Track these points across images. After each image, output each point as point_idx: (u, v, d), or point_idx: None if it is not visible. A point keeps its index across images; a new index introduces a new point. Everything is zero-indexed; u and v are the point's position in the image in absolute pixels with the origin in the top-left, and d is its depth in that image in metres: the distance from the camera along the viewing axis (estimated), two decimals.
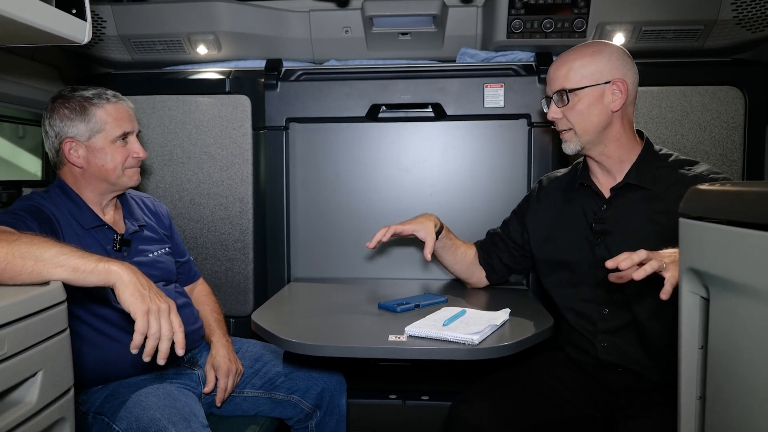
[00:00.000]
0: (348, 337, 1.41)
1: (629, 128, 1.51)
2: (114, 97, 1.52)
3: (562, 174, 1.70)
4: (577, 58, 1.48)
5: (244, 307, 2.09)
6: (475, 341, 1.28)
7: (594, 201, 1.55)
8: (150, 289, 1.11)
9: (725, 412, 0.83)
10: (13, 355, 0.87)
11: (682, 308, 0.93)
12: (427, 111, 2.06)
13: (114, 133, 1.49)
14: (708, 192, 0.89)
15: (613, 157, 1.50)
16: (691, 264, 0.90)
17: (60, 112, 1.47)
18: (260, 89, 2.07)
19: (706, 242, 0.85)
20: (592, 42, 1.55)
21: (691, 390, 0.93)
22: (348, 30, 2.09)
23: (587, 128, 1.47)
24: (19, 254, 1.04)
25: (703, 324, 0.91)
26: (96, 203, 1.54)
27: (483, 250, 1.79)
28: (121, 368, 1.46)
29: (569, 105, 1.47)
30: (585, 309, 1.53)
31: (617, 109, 1.46)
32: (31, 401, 0.91)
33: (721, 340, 0.83)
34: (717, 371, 0.85)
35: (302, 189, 2.14)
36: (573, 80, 1.46)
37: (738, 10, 1.87)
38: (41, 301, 0.97)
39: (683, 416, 0.94)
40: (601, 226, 1.50)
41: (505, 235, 1.77)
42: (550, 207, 1.65)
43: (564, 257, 1.57)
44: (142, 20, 2.00)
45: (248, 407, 1.64)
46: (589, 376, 1.50)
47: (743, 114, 1.97)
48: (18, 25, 0.99)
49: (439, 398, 2.07)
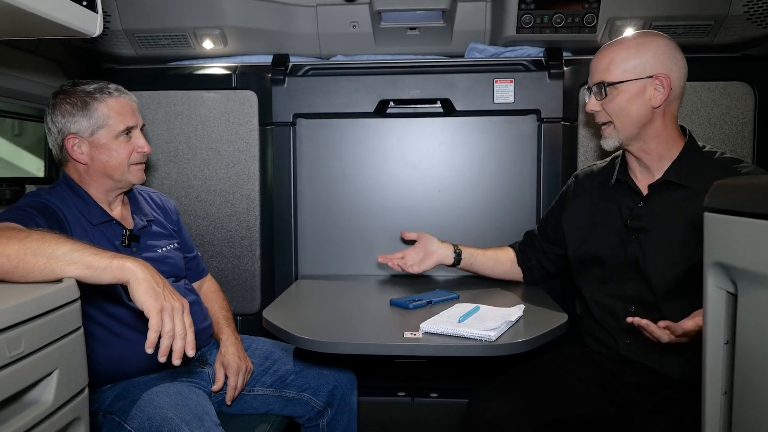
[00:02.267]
0: (362, 334, 1.40)
1: (672, 124, 1.46)
2: (117, 90, 1.49)
3: (598, 168, 1.66)
4: (621, 50, 1.43)
5: (251, 304, 2.07)
6: (492, 337, 1.27)
7: (631, 198, 1.51)
8: (164, 287, 1.10)
9: (754, 406, 0.82)
10: (30, 353, 0.86)
11: (708, 303, 0.92)
12: (436, 107, 2.05)
13: (117, 128, 1.47)
14: (734, 185, 0.89)
15: (652, 154, 1.46)
16: (717, 258, 0.88)
17: (62, 108, 1.44)
18: (267, 85, 2.05)
19: (735, 236, 0.84)
20: (639, 33, 1.49)
21: (717, 385, 0.92)
22: (356, 25, 2.07)
23: (626, 123, 1.43)
24: (31, 251, 1.02)
25: (729, 319, 0.90)
26: (103, 199, 1.52)
27: (521, 251, 1.77)
28: (131, 367, 1.44)
29: (608, 98, 1.43)
30: (612, 305, 1.51)
31: (658, 105, 1.41)
32: (47, 400, 0.89)
33: (750, 335, 0.82)
34: (745, 366, 0.84)
35: (309, 185, 2.13)
36: (614, 73, 1.42)
37: (749, 6, 1.85)
38: (55, 299, 0.95)
39: (708, 411, 0.93)
40: (637, 223, 1.47)
41: (541, 234, 1.74)
42: (586, 202, 1.62)
43: (597, 253, 1.54)
44: (147, 14, 1.97)
45: (258, 405, 1.62)
46: (605, 372, 1.49)
47: (753, 110, 1.96)
48: (29, 16, 0.97)
49: (449, 396, 2.06)
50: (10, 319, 0.82)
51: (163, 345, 1.07)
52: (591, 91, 1.48)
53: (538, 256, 1.75)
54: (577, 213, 1.63)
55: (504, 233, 2.02)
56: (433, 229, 2.08)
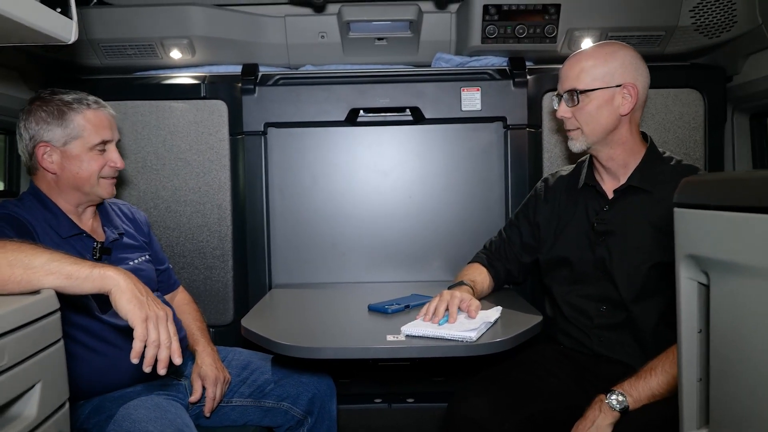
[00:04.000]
0: (343, 339, 1.40)
1: (636, 131, 1.53)
2: (95, 103, 1.47)
3: (566, 173, 1.71)
4: (590, 59, 1.49)
5: (224, 315, 2.04)
6: (473, 338, 1.30)
7: (597, 201, 1.57)
8: (147, 295, 1.08)
9: (729, 391, 0.87)
10: (13, 366, 0.83)
11: (681, 294, 0.97)
12: (406, 115, 2.08)
13: (92, 140, 1.44)
14: (702, 182, 0.94)
15: (618, 160, 1.52)
16: (689, 251, 0.94)
17: (37, 115, 1.41)
18: (237, 94, 2.04)
19: (705, 229, 0.89)
20: (607, 43, 1.55)
21: (692, 373, 0.97)
22: (324, 35, 2.09)
23: (594, 129, 1.49)
24: (7, 262, 0.99)
25: (702, 309, 0.95)
26: (72, 211, 1.48)
27: (491, 266, 1.76)
28: (105, 381, 1.40)
29: (579, 105, 1.49)
30: (583, 305, 1.56)
31: (626, 113, 1.47)
32: (31, 414, 0.87)
33: (723, 323, 0.87)
34: (719, 353, 0.89)
35: (281, 194, 2.12)
36: (584, 81, 1.47)
37: (696, 17, 1.97)
38: (36, 310, 0.93)
39: (685, 398, 0.98)
40: (603, 226, 1.53)
41: (515, 242, 1.75)
42: (555, 206, 1.67)
43: (565, 255, 1.60)
44: (112, 24, 1.94)
45: (237, 417, 1.60)
46: (580, 367, 1.54)
47: (703, 115, 2.08)
48: (5, 21, 0.95)
49: (425, 400, 2.08)
50: None
51: (149, 355, 1.05)
52: (561, 98, 1.53)
53: (507, 266, 1.76)
54: (547, 216, 1.68)
55: (473, 236, 2.06)
56: (405, 234, 2.12)
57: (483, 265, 1.77)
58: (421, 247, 2.13)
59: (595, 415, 1.32)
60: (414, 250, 2.13)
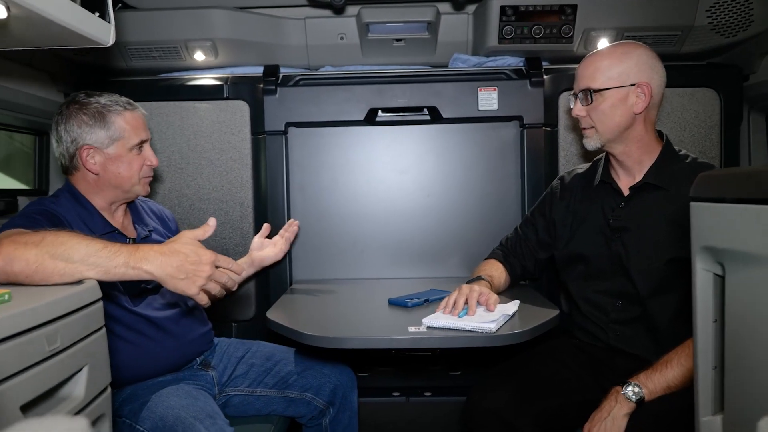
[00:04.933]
0: (366, 330, 1.45)
1: (651, 129, 1.55)
2: (129, 104, 1.54)
3: (582, 170, 1.74)
4: (605, 59, 1.51)
5: (246, 311, 2.10)
6: (492, 329, 1.33)
7: (613, 198, 1.60)
8: (184, 266, 1.16)
9: (743, 379, 0.90)
10: (64, 349, 0.89)
11: (696, 285, 1.00)
12: (424, 114, 2.12)
13: (132, 141, 1.51)
14: (718, 176, 0.97)
15: (633, 157, 1.55)
16: (704, 243, 0.97)
17: (78, 118, 1.47)
18: (259, 95, 2.09)
19: (721, 220, 0.93)
20: (622, 42, 1.58)
21: (707, 361, 1.00)
22: (343, 36, 2.14)
23: (609, 128, 1.52)
24: (49, 255, 1.05)
25: (717, 299, 0.98)
26: (106, 209, 1.54)
27: (507, 262, 1.79)
28: (138, 371, 1.46)
29: (593, 104, 1.52)
30: (599, 300, 1.59)
31: (640, 111, 1.49)
32: (79, 395, 0.92)
33: (738, 312, 0.91)
34: (734, 341, 0.92)
35: (301, 192, 2.17)
36: (599, 80, 1.50)
37: (712, 17, 1.99)
38: (82, 298, 0.98)
39: (701, 385, 1.01)
40: (619, 223, 1.56)
41: (531, 238, 1.77)
42: (571, 203, 1.70)
43: (582, 251, 1.62)
44: (138, 27, 2.00)
45: (261, 406, 1.65)
46: (595, 361, 1.57)
47: (719, 114, 2.09)
48: (53, 26, 1.00)
49: (442, 394, 2.12)
50: (48, 314, 0.85)
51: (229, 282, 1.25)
52: (576, 97, 1.57)
53: (523, 262, 1.79)
54: (563, 213, 1.71)
55: (490, 233, 2.10)
56: (423, 231, 2.16)
57: (499, 261, 1.80)
58: (438, 244, 2.17)
59: (611, 406, 1.35)
60: (432, 247, 2.17)
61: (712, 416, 0.99)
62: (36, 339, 0.81)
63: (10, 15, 0.97)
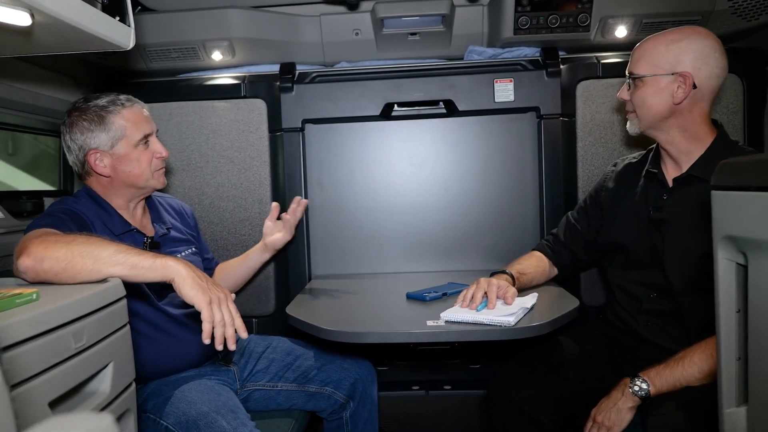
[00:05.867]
0: (385, 325, 1.45)
1: (701, 120, 1.48)
2: (128, 101, 1.54)
3: (635, 159, 1.70)
4: (653, 45, 1.47)
5: (266, 306, 2.12)
6: (511, 322, 1.33)
7: (658, 189, 1.56)
8: (207, 280, 1.16)
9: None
10: (90, 346, 0.91)
11: (719, 275, 0.99)
12: (439, 107, 2.12)
13: (135, 137, 1.52)
14: (739, 163, 0.96)
15: (678, 146, 1.50)
16: (727, 232, 0.95)
17: (79, 125, 1.48)
18: (276, 92, 2.11)
19: (743, 210, 0.91)
20: (681, 28, 1.50)
21: (731, 352, 0.99)
22: (358, 32, 2.14)
23: (646, 115, 1.49)
24: (78, 254, 1.08)
25: (740, 289, 0.97)
26: (124, 208, 1.57)
27: (552, 251, 1.77)
28: (162, 367, 1.49)
29: (634, 89, 1.50)
30: (635, 290, 1.57)
31: (679, 101, 1.44)
32: (105, 391, 0.95)
33: (762, 302, 0.89)
34: (757, 331, 0.91)
35: (319, 188, 2.19)
36: (641, 66, 1.48)
37: (733, 0, 1.94)
38: (106, 296, 1.01)
39: (725, 376, 0.99)
40: (659, 214, 1.52)
41: (583, 223, 1.75)
42: (620, 190, 1.66)
43: (621, 240, 1.59)
44: (157, 29, 2.03)
45: (282, 401, 1.67)
46: (622, 349, 1.55)
47: (742, 99, 2.05)
48: (75, 31, 1.02)
49: (462, 387, 2.12)
50: (74, 312, 0.87)
51: (218, 334, 1.15)
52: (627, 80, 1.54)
53: (573, 249, 1.75)
54: (610, 200, 1.68)
55: (508, 225, 2.10)
56: (441, 224, 2.16)
57: (542, 252, 1.78)
58: (456, 238, 2.16)
59: (617, 397, 1.35)
60: (450, 240, 2.17)
61: (737, 408, 0.98)
62: (63, 337, 0.84)
63: (34, 22, 0.99)
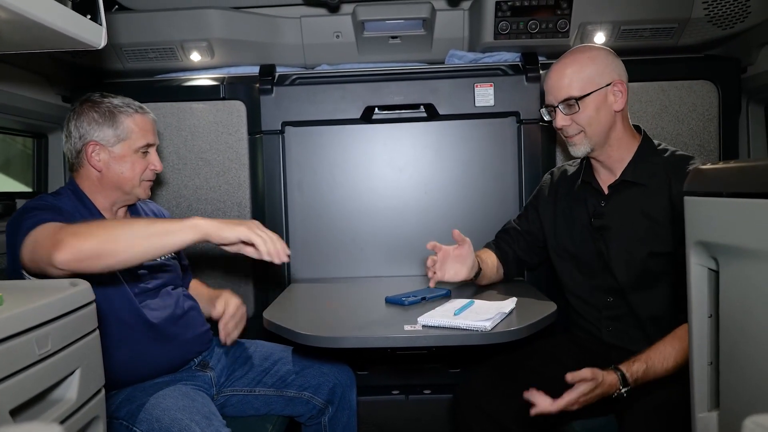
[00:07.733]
0: (362, 329, 1.44)
1: (628, 126, 1.58)
2: (141, 108, 1.57)
3: (570, 168, 1.75)
4: (575, 66, 1.52)
5: None
6: (488, 327, 1.33)
7: (594, 197, 1.61)
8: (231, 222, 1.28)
9: (739, 374, 0.89)
10: (55, 352, 0.89)
11: (691, 280, 1.00)
12: (420, 111, 2.12)
13: (138, 143, 1.53)
14: (711, 170, 0.97)
15: (614, 156, 1.57)
16: (699, 238, 0.96)
17: (89, 116, 1.50)
18: (255, 94, 2.09)
19: (715, 215, 0.92)
20: (581, 47, 1.59)
21: (703, 356, 1.00)
22: (339, 35, 2.13)
23: (597, 131, 1.52)
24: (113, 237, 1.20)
25: (712, 294, 0.98)
26: (107, 210, 1.55)
27: (497, 247, 1.83)
28: (136, 372, 1.46)
29: (579, 112, 1.52)
30: (591, 297, 1.62)
31: (620, 108, 1.52)
32: (71, 398, 0.92)
33: (733, 307, 0.90)
34: (729, 337, 0.92)
35: (299, 191, 2.17)
36: (578, 87, 1.51)
37: (709, 9, 1.97)
38: (74, 300, 0.98)
39: (696, 381, 1.00)
40: (600, 221, 1.58)
41: (521, 227, 1.81)
42: (558, 200, 1.72)
43: (570, 249, 1.65)
44: (134, 29, 2.00)
45: (260, 406, 1.65)
46: (593, 355, 1.56)
47: (717, 106, 2.08)
48: (43, 29, 1.00)
49: (442, 392, 2.12)
50: (39, 317, 0.85)
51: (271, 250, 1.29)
52: (556, 109, 1.55)
53: (514, 248, 1.81)
54: (550, 209, 1.73)
55: (489, 229, 2.08)
56: (421, 228, 2.16)
57: (490, 248, 1.84)
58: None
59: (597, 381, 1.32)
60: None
61: (708, 412, 0.99)
62: (25, 343, 0.81)
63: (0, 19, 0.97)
